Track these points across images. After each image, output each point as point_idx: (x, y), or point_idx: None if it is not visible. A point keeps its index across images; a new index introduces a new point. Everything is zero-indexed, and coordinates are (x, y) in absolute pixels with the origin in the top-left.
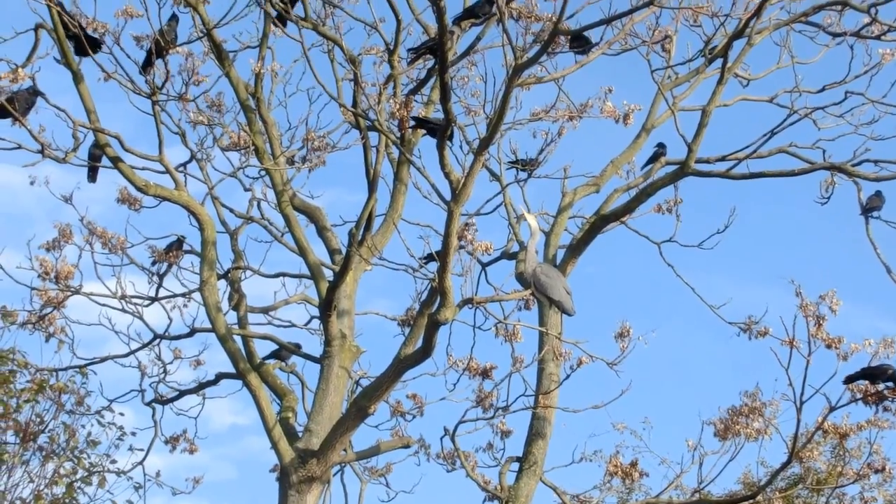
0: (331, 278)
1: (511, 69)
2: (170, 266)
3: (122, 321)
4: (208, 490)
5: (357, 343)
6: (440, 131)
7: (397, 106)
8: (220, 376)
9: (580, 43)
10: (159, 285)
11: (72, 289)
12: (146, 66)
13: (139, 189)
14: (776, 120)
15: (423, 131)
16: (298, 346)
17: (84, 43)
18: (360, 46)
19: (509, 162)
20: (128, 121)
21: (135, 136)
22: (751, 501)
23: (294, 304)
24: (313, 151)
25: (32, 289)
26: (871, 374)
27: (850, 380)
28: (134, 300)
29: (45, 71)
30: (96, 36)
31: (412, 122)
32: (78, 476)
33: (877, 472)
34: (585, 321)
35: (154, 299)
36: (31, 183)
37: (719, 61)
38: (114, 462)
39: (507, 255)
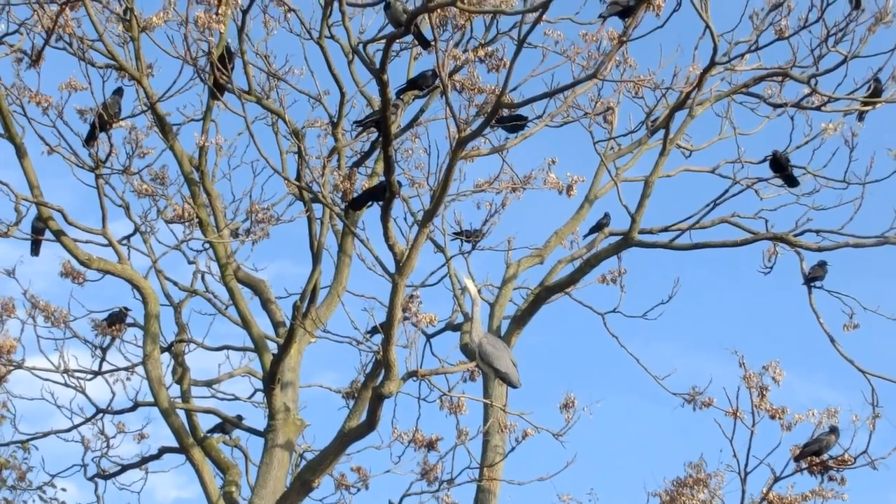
0: (275, 351)
1: (454, 141)
2: (113, 340)
3: (64, 395)
4: None
5: (301, 416)
6: (384, 203)
7: (341, 178)
8: (163, 450)
9: (512, 125)
10: (102, 359)
11: (14, 363)
12: (90, 139)
13: (82, 263)
14: (718, 190)
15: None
16: (241, 418)
17: None
18: (304, 119)
19: (453, 233)
20: (72, 194)
21: (79, 209)
22: None
23: (238, 377)
24: (257, 224)
25: None
26: (815, 451)
27: (798, 459)
28: (77, 374)
29: None
30: None
31: (357, 200)
32: None
33: None
34: (530, 392)
35: (97, 373)
36: None
37: (661, 132)
38: None
39: (452, 327)
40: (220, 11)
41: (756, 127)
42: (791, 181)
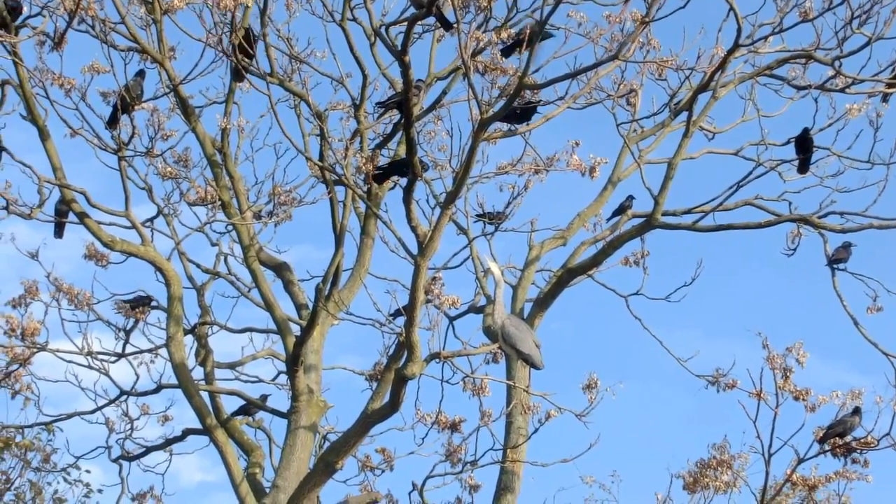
0: (298, 333)
1: (477, 123)
2: (136, 322)
3: (88, 378)
4: None
5: (324, 398)
6: (406, 185)
7: (364, 160)
8: (186, 432)
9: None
10: (126, 341)
11: (38, 345)
12: (112, 121)
13: (106, 245)
14: (742, 172)
15: (391, 184)
16: (265, 399)
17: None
18: (326, 102)
19: (476, 215)
20: (95, 178)
21: (102, 192)
22: None
23: (261, 360)
24: (280, 206)
25: None
26: (839, 433)
27: (822, 440)
28: (100, 356)
29: (11, 127)
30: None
31: (378, 171)
32: None
33: None
34: (553, 375)
35: (121, 355)
36: None
37: (684, 115)
38: None
39: (475, 309)
40: None
41: (780, 109)
42: (804, 166)
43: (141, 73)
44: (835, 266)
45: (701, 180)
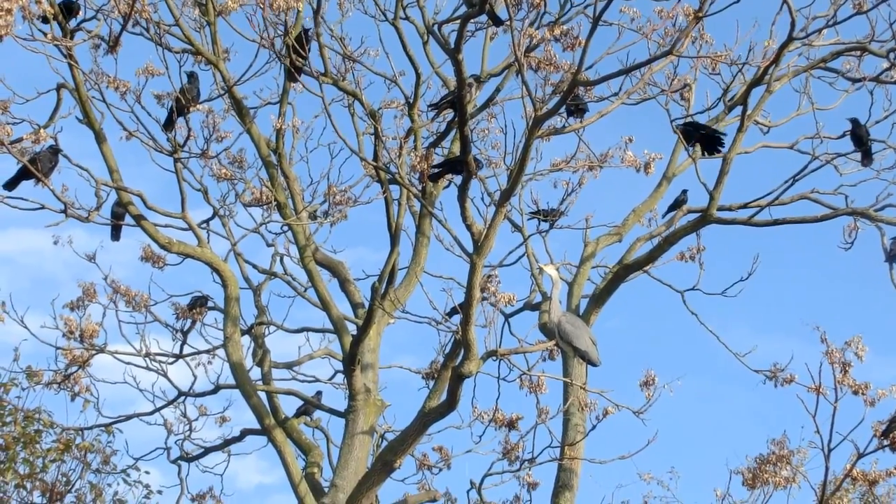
0: (354, 332)
1: (531, 120)
2: (193, 323)
3: (146, 379)
4: None
5: (381, 397)
6: (461, 183)
7: (418, 159)
8: (245, 432)
9: (577, 110)
10: (183, 342)
11: (96, 347)
12: (168, 123)
13: (162, 247)
14: (797, 166)
15: (445, 182)
16: (319, 396)
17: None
18: (380, 100)
19: (531, 213)
20: (151, 180)
21: (158, 194)
22: None
23: (318, 359)
24: (335, 206)
25: (57, 348)
26: None
27: (885, 434)
28: (158, 358)
29: (68, 131)
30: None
31: (435, 171)
32: None
33: None
34: (609, 372)
35: (178, 357)
36: (55, 243)
37: (739, 109)
38: None
39: (531, 306)
40: None
41: (834, 102)
42: (867, 157)
43: (195, 75)
44: (893, 260)
45: (756, 175)
